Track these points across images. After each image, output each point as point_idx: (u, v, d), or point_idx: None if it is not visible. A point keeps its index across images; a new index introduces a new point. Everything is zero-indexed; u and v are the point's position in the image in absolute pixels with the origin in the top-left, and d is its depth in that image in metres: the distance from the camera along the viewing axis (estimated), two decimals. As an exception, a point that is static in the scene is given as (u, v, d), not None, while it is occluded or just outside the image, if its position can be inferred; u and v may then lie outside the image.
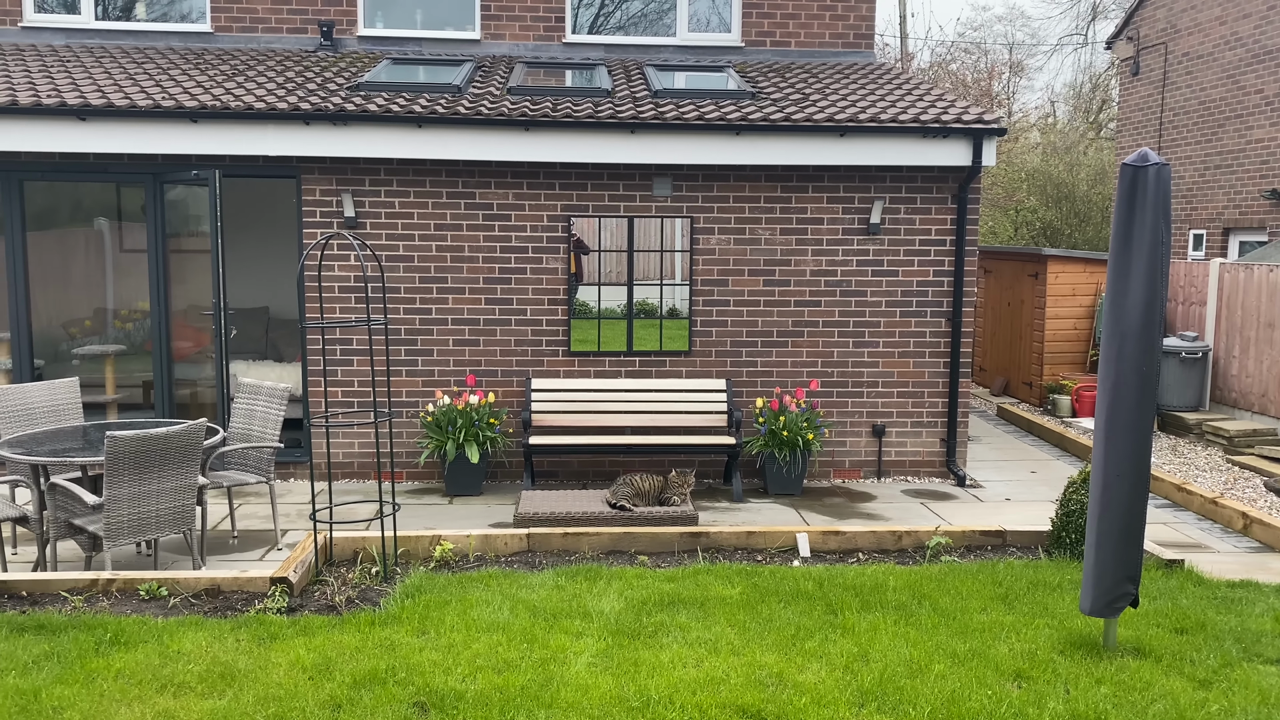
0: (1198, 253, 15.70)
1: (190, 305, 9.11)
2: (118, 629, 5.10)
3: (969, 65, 28.34)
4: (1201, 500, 8.26)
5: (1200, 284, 11.64)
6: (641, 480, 7.61)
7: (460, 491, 8.60)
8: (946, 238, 9.08)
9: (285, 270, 11.48)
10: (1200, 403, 11.34)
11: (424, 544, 6.52)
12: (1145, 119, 17.03)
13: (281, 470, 8.94)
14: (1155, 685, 4.65)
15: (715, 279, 9.05)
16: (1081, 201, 20.55)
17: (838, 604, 5.57)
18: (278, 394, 7.30)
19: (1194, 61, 15.68)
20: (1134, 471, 4.84)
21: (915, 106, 8.93)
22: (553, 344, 9.03)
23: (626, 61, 10.46)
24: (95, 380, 9.26)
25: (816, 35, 10.67)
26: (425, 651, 4.90)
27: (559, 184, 8.88)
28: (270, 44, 10.34)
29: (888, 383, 9.21)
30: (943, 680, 4.66)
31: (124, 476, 5.85)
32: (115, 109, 8.15)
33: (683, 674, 4.69)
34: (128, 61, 9.53)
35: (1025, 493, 8.92)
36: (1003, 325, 13.77)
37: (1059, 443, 10.89)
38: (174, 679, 4.59)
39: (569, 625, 5.25)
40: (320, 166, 8.72)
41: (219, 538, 7.37)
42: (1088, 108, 28.21)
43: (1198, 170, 15.68)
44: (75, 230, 9.48)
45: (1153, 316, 4.72)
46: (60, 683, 4.54)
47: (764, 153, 8.61)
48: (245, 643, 5.00)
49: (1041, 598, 5.72)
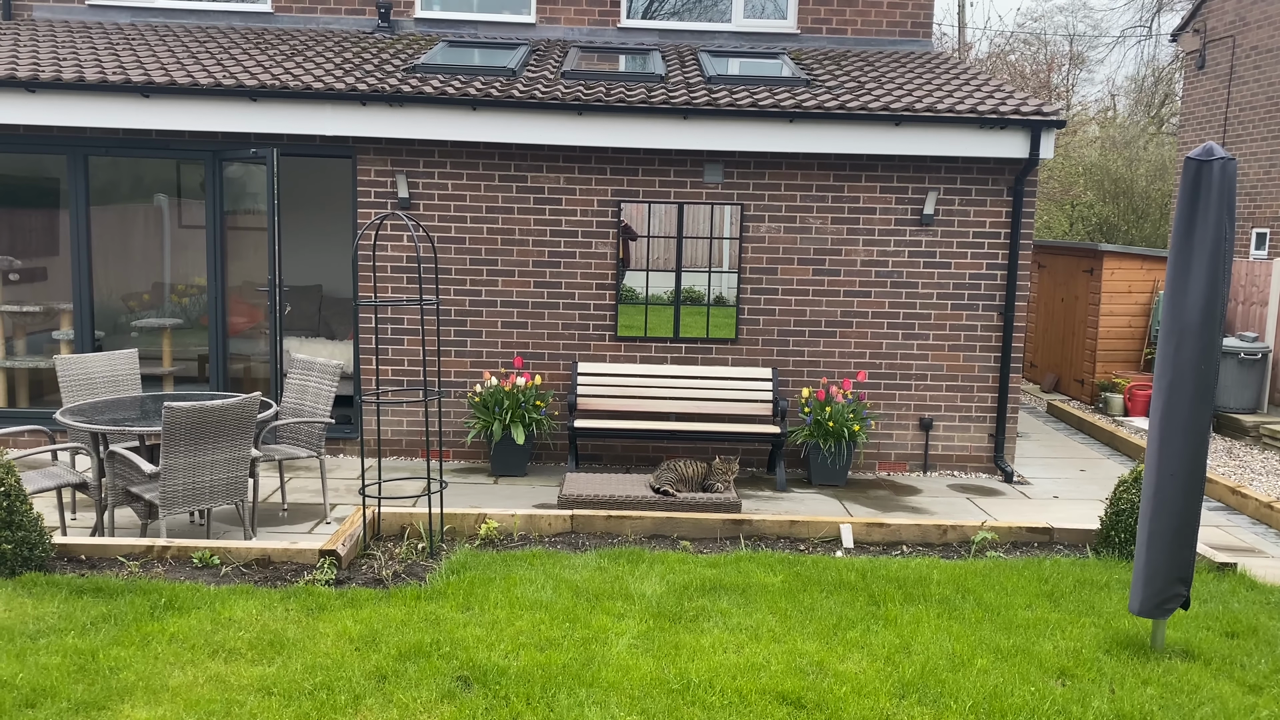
0: (1260, 252, 15.31)
1: (245, 281, 9.28)
2: (172, 594, 5.24)
3: (1028, 56, 27.83)
4: (1257, 504, 8.09)
5: (1262, 284, 11.36)
6: (685, 466, 7.62)
7: (505, 472, 8.68)
8: (1001, 231, 8.96)
9: (339, 249, 11.63)
10: (1258, 405, 11.09)
11: (469, 522, 6.59)
12: (1209, 114, 16.62)
13: (331, 445, 9.09)
14: (1203, 688, 4.58)
15: (764, 267, 9.01)
16: (1140, 197, 20.13)
17: (880, 595, 5.55)
18: (329, 371, 7.42)
19: (1263, 55, 15.26)
20: (1188, 472, 4.76)
21: (972, 97, 8.81)
22: (600, 329, 9.06)
23: (680, 47, 10.43)
24: (153, 353, 9.47)
25: (873, 23, 10.56)
26: (469, 627, 4.97)
27: (610, 169, 8.90)
28: (329, 25, 10.46)
29: (936, 375, 9.12)
30: (985, 675, 4.62)
31: (180, 447, 5.98)
32: (178, 87, 8.30)
33: (723, 659, 4.71)
34: (190, 40, 9.70)
35: (1074, 491, 8.79)
36: (1055, 321, 13.55)
37: (1110, 441, 10.71)
38: (225, 645, 4.70)
39: (611, 606, 5.29)
40: (375, 147, 8.81)
41: (269, 510, 7.52)
42: (1149, 101, 27.58)
43: (1263, 167, 15.28)
44: (136, 205, 9.69)
45: (1213, 314, 4.63)
46: (117, 644, 4.68)
47: (817, 140, 8.55)
48: (294, 612, 5.10)
49: (1088, 596, 5.65)
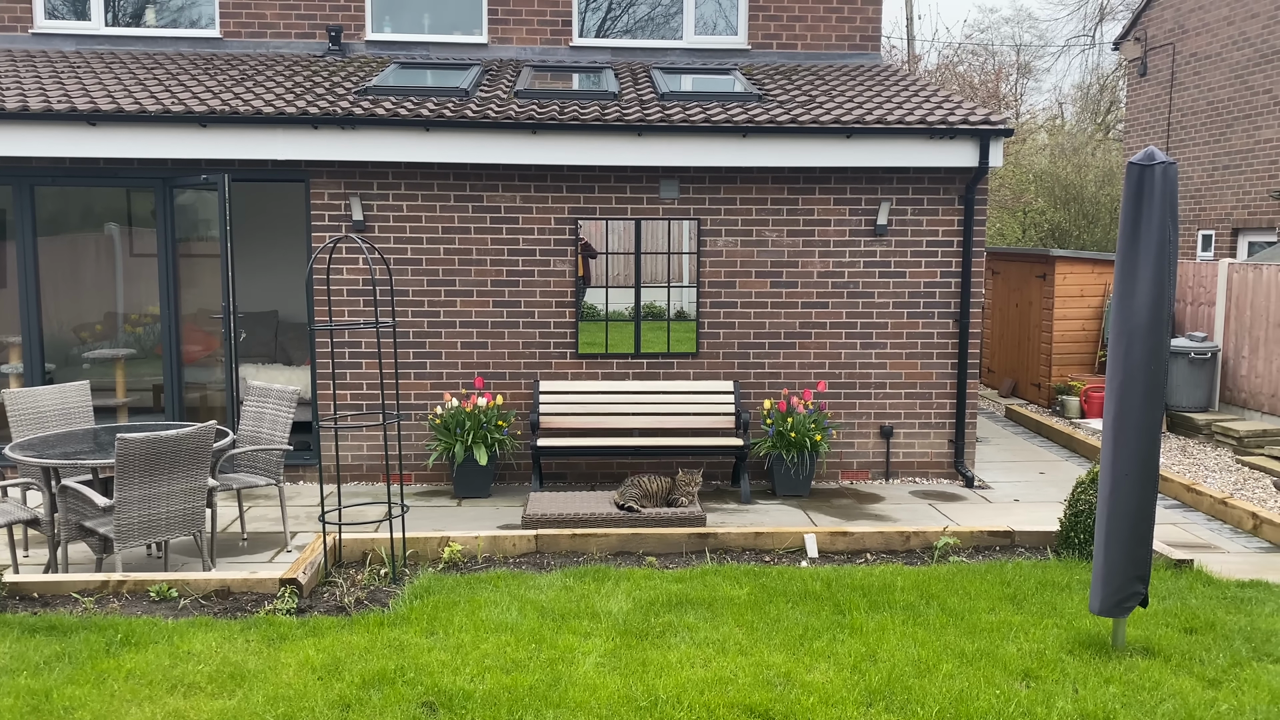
0: (1206, 253, 15.66)
1: (200, 309, 9.16)
2: (128, 630, 5.13)
3: (976, 67, 28.31)
4: (1211, 500, 8.24)
5: (1209, 284, 11.60)
6: (649, 481, 7.62)
7: (468, 493, 8.62)
8: (954, 239, 9.08)
9: (294, 274, 11.53)
10: (1210, 403, 11.31)
11: (432, 545, 6.54)
12: (1153, 119, 16.99)
13: (291, 473, 8.98)
14: (1164, 684, 4.64)
15: (722, 281, 9.06)
16: (1089, 203, 20.51)
17: (845, 604, 5.57)
18: (286, 397, 7.34)
19: (1202, 62, 15.64)
20: (1142, 471, 4.83)
21: (921, 108, 8.94)
22: (560, 346, 9.05)
23: (633, 64, 10.49)
24: (106, 384, 9.31)
25: (823, 37, 10.68)
26: (434, 652, 4.92)
27: (566, 187, 8.91)
28: (279, 49, 10.40)
29: (895, 384, 9.21)
30: (951, 680, 4.65)
31: (134, 479, 5.88)
32: (125, 114, 8.20)
33: (690, 674, 4.70)
34: (137, 67, 9.59)
35: (1034, 493, 8.90)
36: (1011, 326, 13.75)
37: (1067, 444, 10.87)
38: (184, 679, 4.61)
39: (577, 625, 5.26)
40: (329, 170, 8.76)
41: (229, 540, 7.41)
42: (1095, 109, 28.14)
43: (1206, 171, 15.64)
44: (86, 235, 9.54)
45: (1160, 315, 4.72)
46: (71, 683, 4.57)
47: (770, 155, 8.62)
48: (255, 643, 5.02)
49: (1050, 598, 5.71)
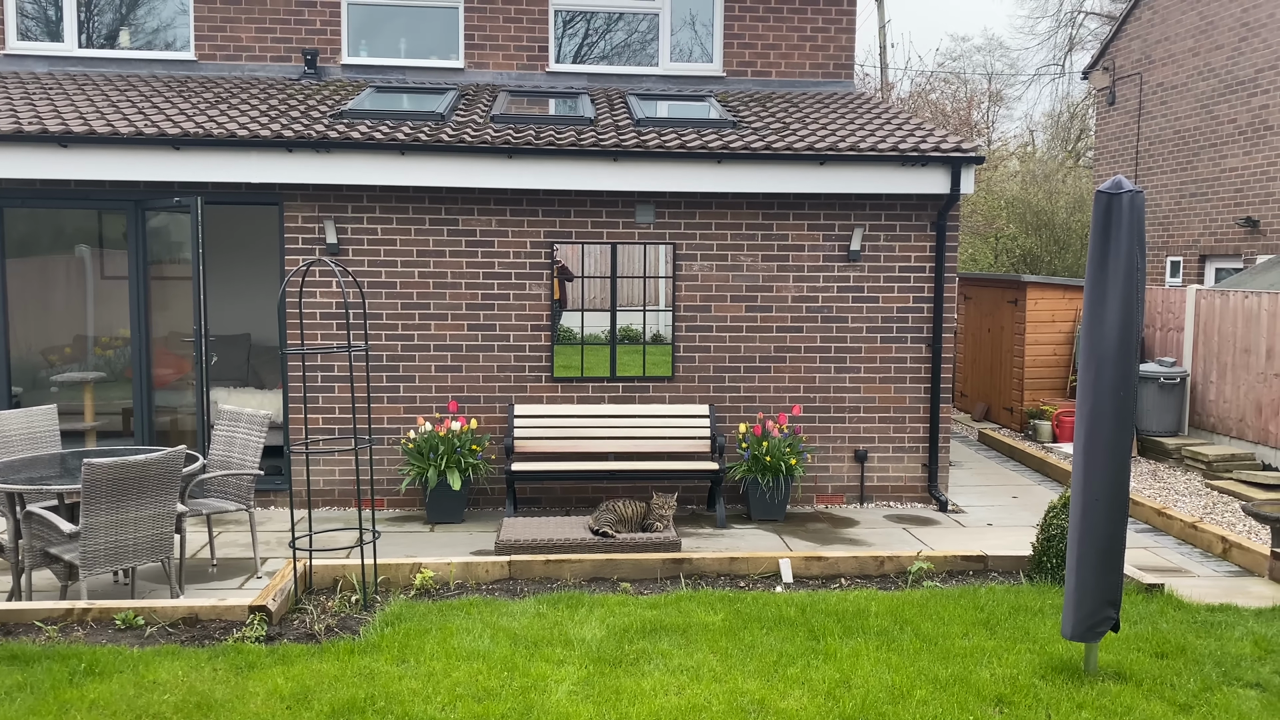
0: (1175, 279, 15.87)
1: (171, 332, 9.07)
2: (92, 659, 5.04)
3: (948, 95, 28.67)
4: (1181, 525, 8.31)
5: (1177, 310, 11.76)
6: (624, 506, 7.60)
7: (442, 519, 8.55)
8: (926, 264, 9.16)
9: (267, 297, 11.46)
10: (1179, 428, 11.43)
11: (404, 572, 6.47)
12: (1122, 148, 17.26)
13: (262, 498, 8.88)
14: (1136, 709, 4.66)
15: (698, 305, 9.09)
16: (1060, 229, 20.78)
17: (820, 630, 5.56)
18: (258, 421, 7.27)
19: (1168, 91, 15.93)
20: (1113, 495, 4.87)
21: (894, 135, 9.03)
22: (536, 370, 9.03)
23: (609, 90, 10.55)
24: (74, 408, 9.19)
25: (797, 65, 10.79)
26: (405, 680, 4.86)
27: (542, 211, 8.92)
28: (254, 72, 10.38)
29: (869, 408, 9.25)
30: (924, 706, 4.65)
31: (101, 504, 5.80)
32: (97, 136, 8.14)
33: (664, 701, 4.67)
34: (111, 89, 9.54)
35: (1007, 518, 8.94)
36: (983, 351, 13.86)
37: (1040, 468, 10.94)
38: (149, 709, 4.53)
39: (550, 653, 5.22)
40: (303, 193, 8.73)
41: (198, 566, 7.30)
42: (1066, 136, 28.57)
43: (1174, 198, 15.88)
44: (56, 257, 9.44)
45: (1129, 341, 4.77)
46: (33, 714, 4.48)
47: (745, 180, 8.68)
48: (222, 672, 4.95)
49: (1023, 623, 5.73)
